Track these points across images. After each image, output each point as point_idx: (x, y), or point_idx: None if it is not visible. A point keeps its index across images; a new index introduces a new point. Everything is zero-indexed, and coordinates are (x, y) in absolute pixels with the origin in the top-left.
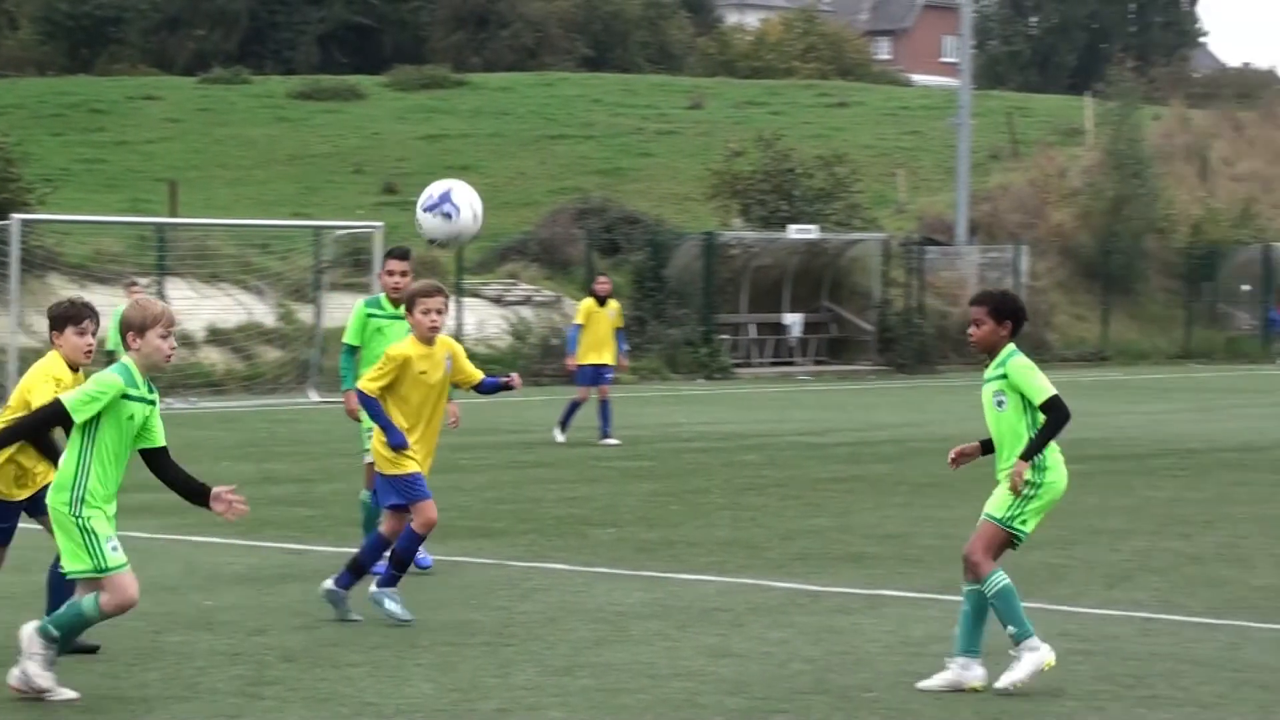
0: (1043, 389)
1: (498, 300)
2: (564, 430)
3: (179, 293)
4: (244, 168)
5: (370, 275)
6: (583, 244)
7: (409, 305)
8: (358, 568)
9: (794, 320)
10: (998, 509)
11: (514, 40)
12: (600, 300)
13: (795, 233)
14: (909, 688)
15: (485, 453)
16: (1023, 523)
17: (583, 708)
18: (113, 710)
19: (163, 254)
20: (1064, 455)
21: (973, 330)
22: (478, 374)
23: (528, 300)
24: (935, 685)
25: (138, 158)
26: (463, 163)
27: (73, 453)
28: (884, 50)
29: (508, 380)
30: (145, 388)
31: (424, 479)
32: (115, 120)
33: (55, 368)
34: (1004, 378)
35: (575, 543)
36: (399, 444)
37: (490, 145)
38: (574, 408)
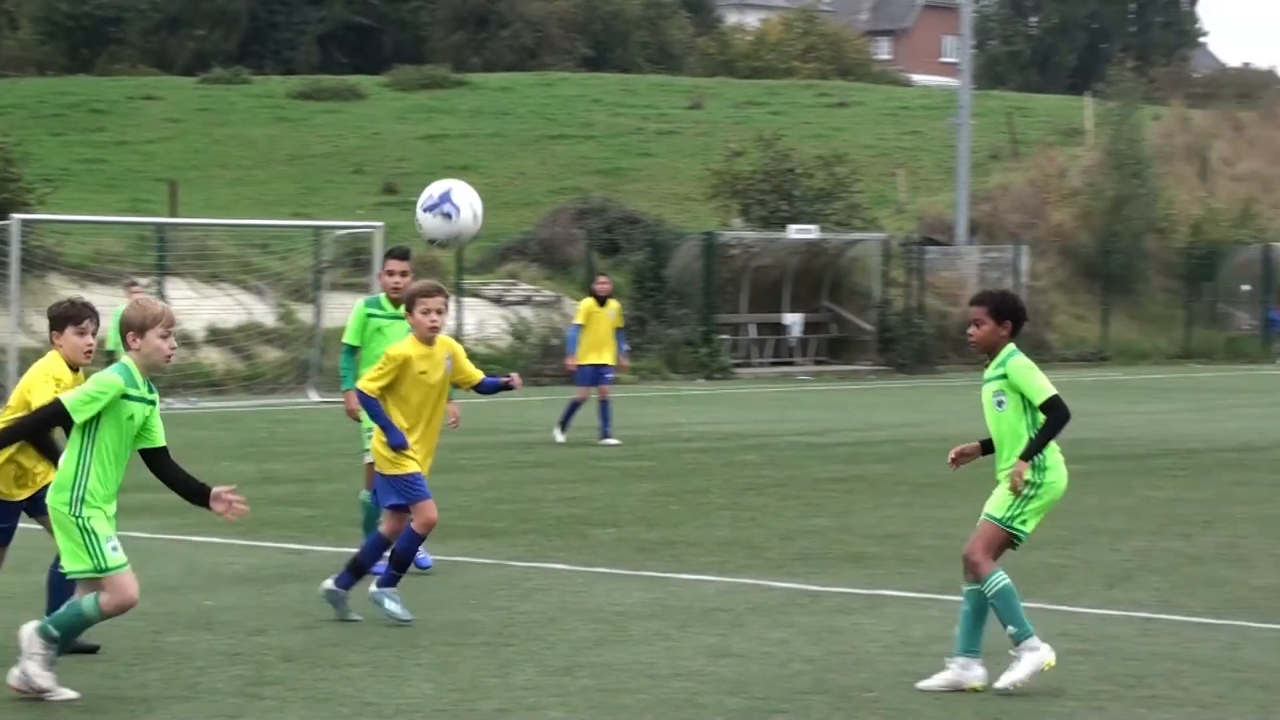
0: (1043, 389)
1: (498, 300)
2: (564, 430)
3: (179, 293)
4: (244, 168)
5: (370, 275)
6: (583, 244)
7: (409, 305)
8: (358, 568)
9: (794, 320)
10: (998, 509)
11: (514, 40)
12: (600, 300)
13: (795, 233)
14: (909, 688)
15: (485, 453)
16: (1023, 523)
17: (583, 708)
18: (113, 710)
19: (163, 254)
20: (1064, 455)
21: (973, 330)
22: (478, 374)
23: (528, 300)
24: (935, 685)
25: (138, 158)
26: (463, 163)
27: (73, 453)
28: (884, 50)
29: (508, 380)
30: (145, 388)
31: (424, 479)
32: (115, 120)
33: (55, 368)
34: (1004, 378)
35: (575, 543)
36: (399, 444)
37: (490, 145)
38: (574, 408)
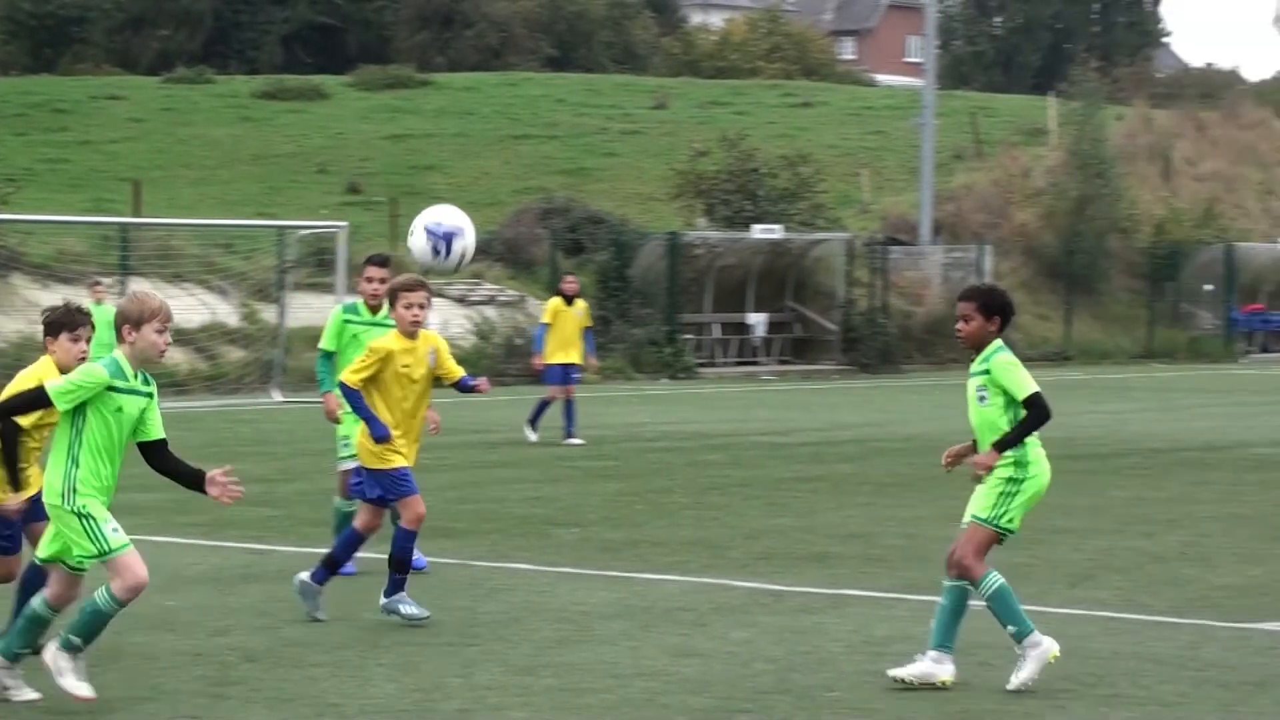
0: (1024, 385)
1: (462, 300)
2: (535, 429)
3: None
4: (208, 167)
5: (334, 275)
6: (547, 244)
7: (391, 299)
8: (332, 563)
9: (758, 320)
10: (983, 510)
11: (478, 40)
12: (568, 300)
13: (759, 233)
14: (872, 687)
15: (448, 452)
16: (1009, 521)
17: (546, 708)
18: (75, 711)
19: (126, 254)
20: None
21: (961, 326)
22: (459, 370)
23: (492, 300)
24: (907, 674)
25: (101, 157)
26: (427, 162)
27: (60, 447)
28: (848, 50)
29: (476, 385)
30: (139, 380)
31: (411, 474)
32: (79, 120)
33: (46, 372)
34: (987, 373)
35: (539, 543)
36: (382, 436)
37: (454, 145)
38: (544, 406)
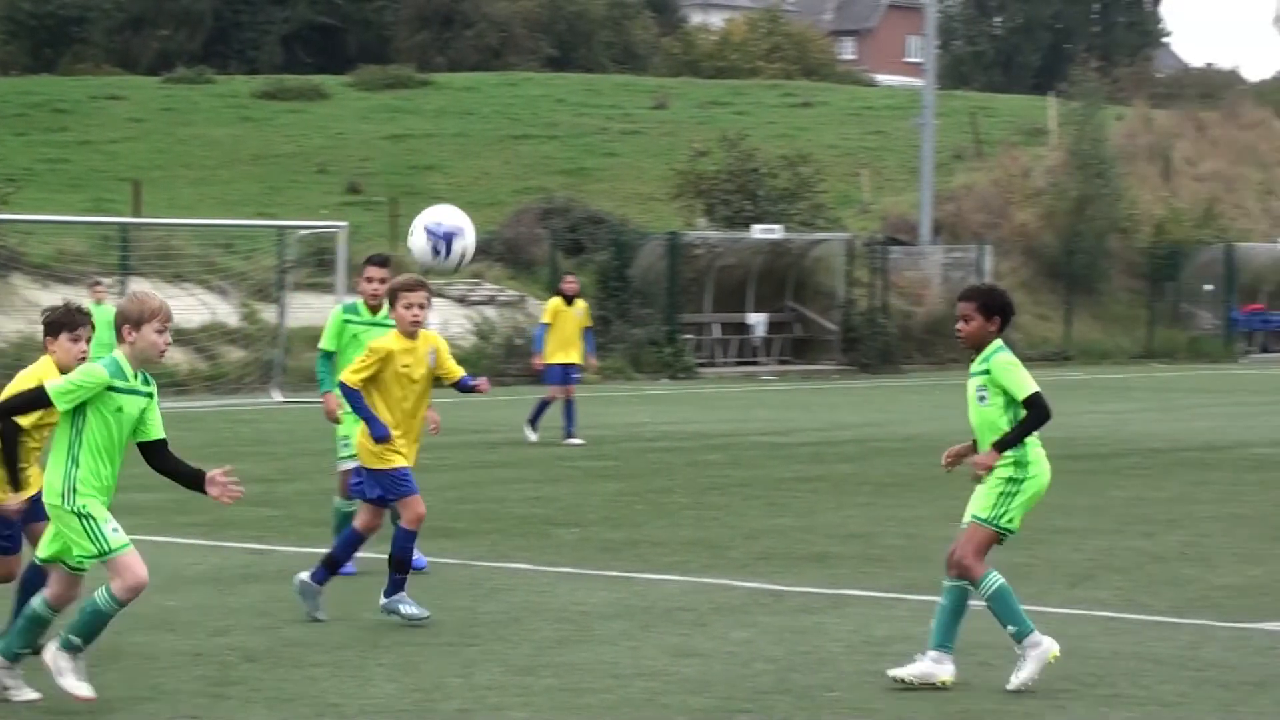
0: (1025, 385)
1: (461, 300)
2: (535, 429)
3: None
4: (208, 167)
5: (334, 275)
6: (547, 244)
7: (391, 299)
8: (332, 563)
9: (758, 320)
10: (983, 510)
11: (478, 40)
12: (568, 300)
13: (759, 233)
14: (872, 687)
15: (448, 452)
16: (1010, 521)
17: (546, 708)
18: (75, 711)
19: (126, 254)
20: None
21: (961, 325)
22: (459, 370)
23: (492, 300)
24: (907, 674)
25: (101, 157)
26: (427, 162)
27: (60, 447)
28: (848, 50)
29: (476, 385)
30: (139, 380)
31: (411, 474)
32: (79, 120)
33: (46, 372)
34: (987, 373)
35: (539, 543)
36: (382, 436)
37: (454, 145)
38: (544, 406)
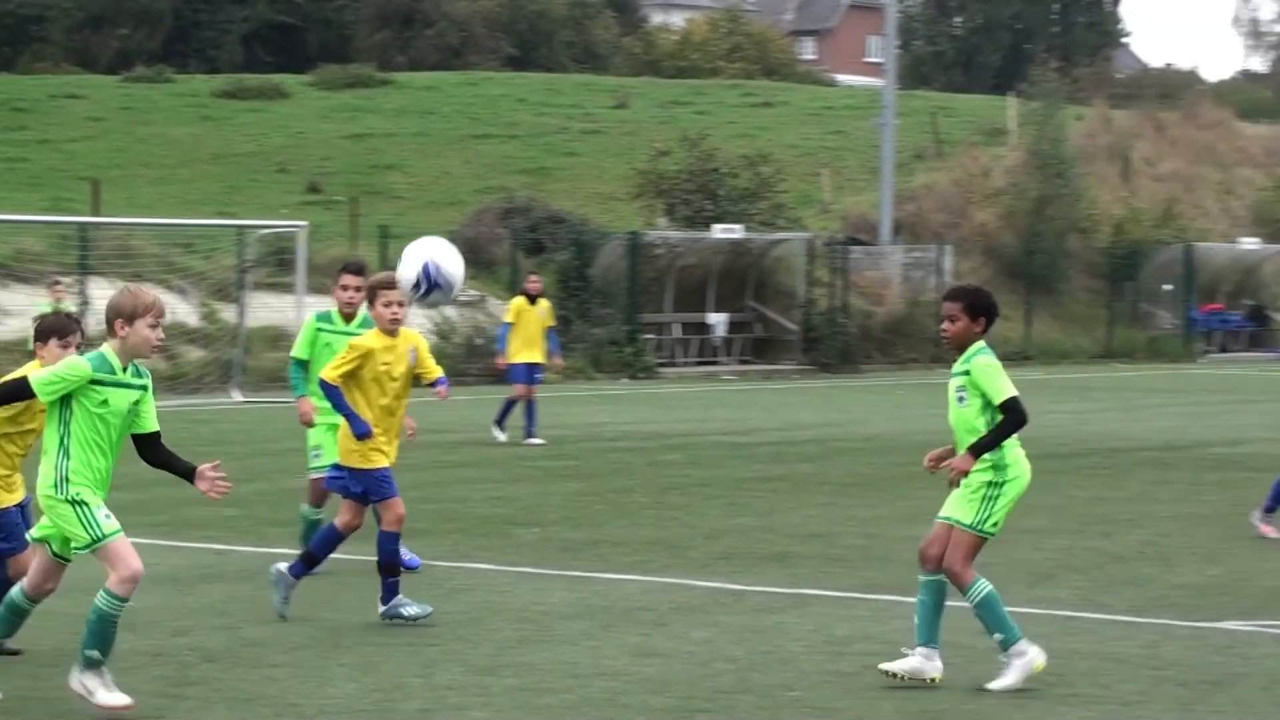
0: (1003, 390)
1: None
2: (503, 429)
3: (102, 292)
4: (167, 167)
5: (294, 275)
6: (507, 243)
7: (370, 298)
8: (310, 558)
9: (718, 320)
10: (965, 515)
11: (439, 39)
12: (531, 299)
13: (720, 232)
14: (832, 686)
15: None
16: (993, 525)
17: (506, 707)
18: (34, 712)
19: (85, 253)
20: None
21: (947, 326)
22: (438, 370)
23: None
24: (899, 669)
25: (60, 156)
26: (387, 162)
27: (51, 442)
28: (809, 50)
29: (436, 390)
30: (130, 374)
31: (392, 475)
32: (37, 119)
33: None
34: (967, 374)
35: (499, 542)
36: (363, 433)
37: (415, 144)
38: (510, 406)
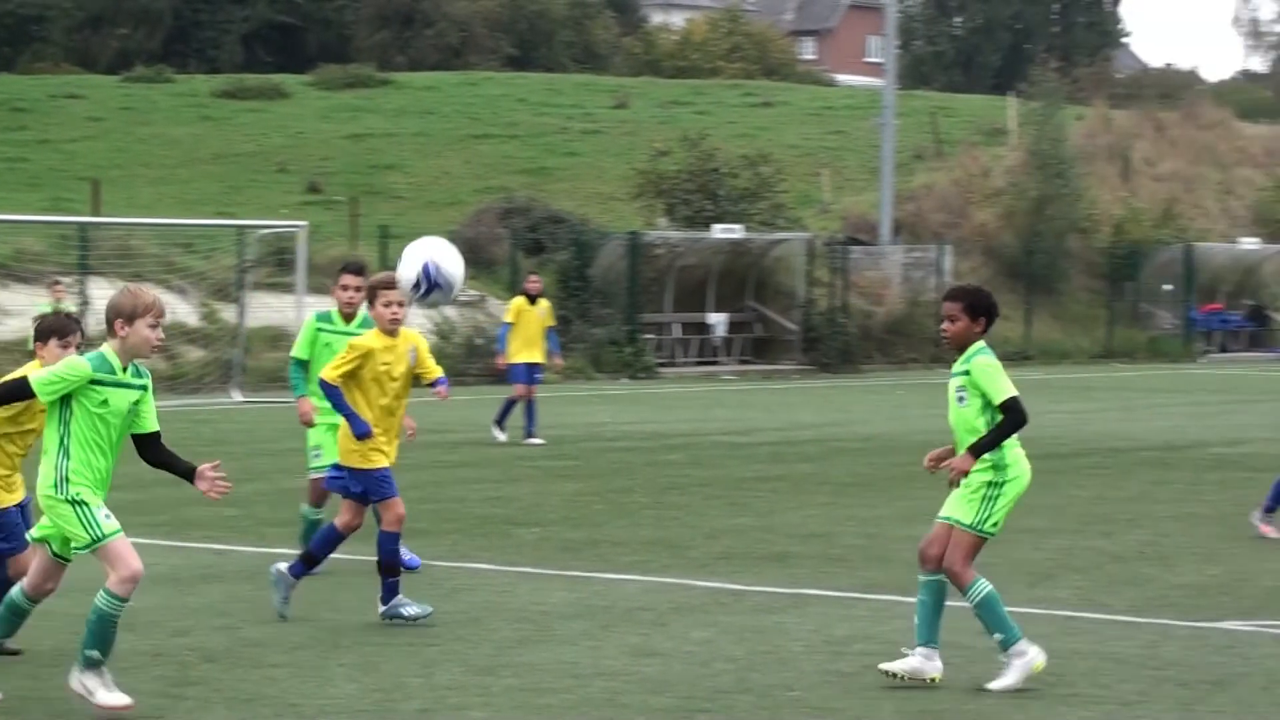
0: (1002, 390)
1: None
2: (503, 429)
3: (102, 292)
4: (167, 167)
5: (294, 274)
6: (507, 243)
7: (370, 298)
8: (310, 558)
9: (718, 320)
10: (965, 515)
11: (439, 39)
12: (531, 299)
13: (720, 232)
14: (832, 686)
15: (408, 452)
16: (994, 525)
17: (506, 707)
18: (34, 712)
19: (85, 253)
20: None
21: (946, 326)
22: (438, 370)
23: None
24: (898, 669)
25: (60, 157)
26: (387, 162)
27: (51, 442)
28: (809, 50)
29: (436, 390)
30: (130, 374)
31: (392, 475)
32: (37, 119)
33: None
34: (967, 374)
35: (499, 542)
36: (363, 433)
37: (415, 144)
38: (510, 405)
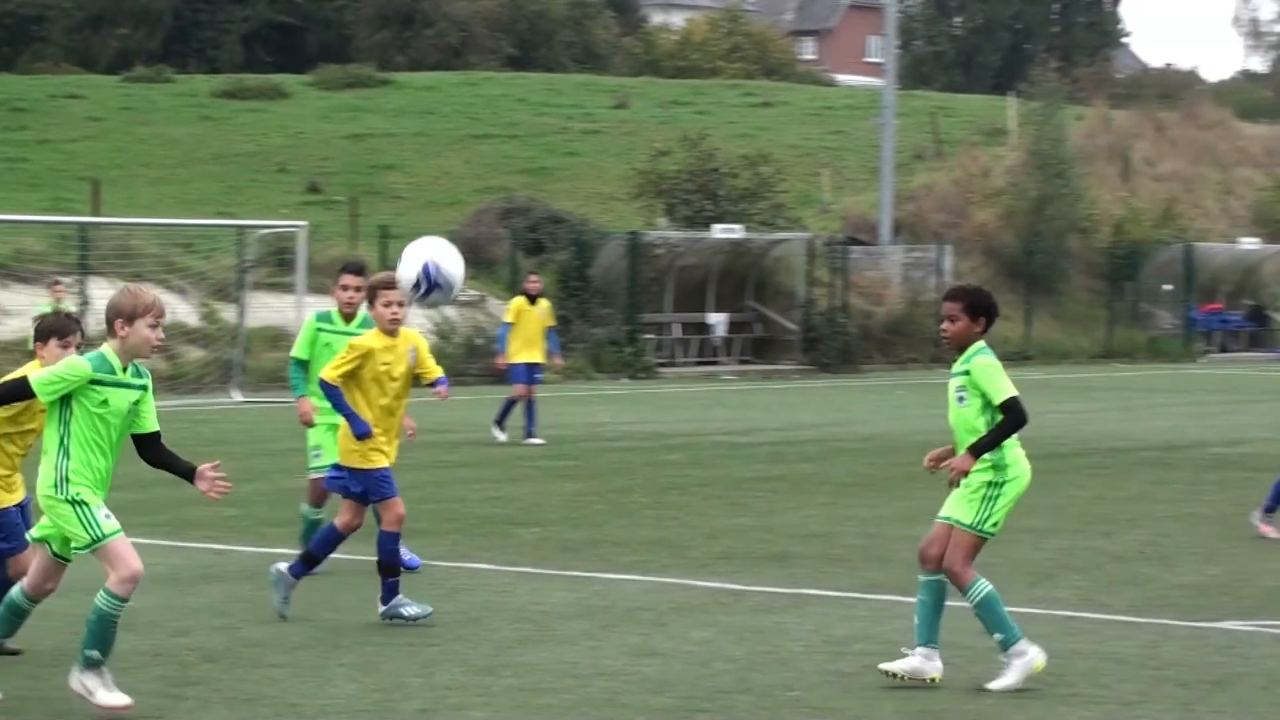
0: (1002, 389)
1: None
2: (503, 429)
3: (102, 292)
4: (167, 167)
5: (294, 275)
6: (507, 243)
7: (370, 298)
8: (310, 558)
9: (718, 320)
10: (965, 515)
11: (439, 39)
12: (531, 299)
13: (720, 232)
14: (832, 686)
15: (408, 452)
16: (994, 525)
17: (506, 707)
18: (34, 712)
19: (85, 253)
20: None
21: (946, 326)
22: (438, 370)
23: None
24: (899, 668)
25: (60, 157)
26: (387, 162)
27: (51, 442)
28: (809, 50)
29: (436, 390)
30: (130, 374)
31: (392, 475)
32: (37, 119)
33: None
34: (967, 374)
35: (499, 542)
36: (363, 433)
37: (415, 144)
38: (510, 405)
